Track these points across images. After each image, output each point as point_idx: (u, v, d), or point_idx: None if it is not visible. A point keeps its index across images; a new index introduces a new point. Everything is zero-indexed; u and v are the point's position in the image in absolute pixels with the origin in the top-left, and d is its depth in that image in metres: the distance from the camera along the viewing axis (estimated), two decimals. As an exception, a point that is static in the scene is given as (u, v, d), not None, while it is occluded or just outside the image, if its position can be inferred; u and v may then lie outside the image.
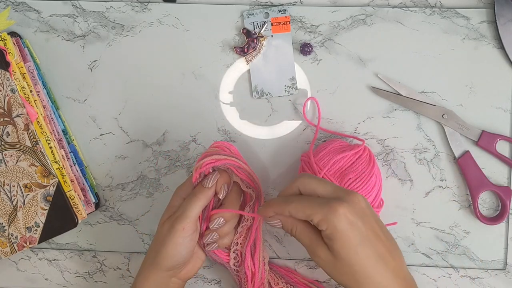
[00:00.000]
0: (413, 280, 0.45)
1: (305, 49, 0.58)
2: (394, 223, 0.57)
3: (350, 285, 0.43)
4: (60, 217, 0.56)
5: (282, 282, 0.56)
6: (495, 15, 0.56)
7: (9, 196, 0.56)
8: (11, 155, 0.56)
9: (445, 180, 0.59)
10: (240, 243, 0.54)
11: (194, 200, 0.50)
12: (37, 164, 0.55)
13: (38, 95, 0.57)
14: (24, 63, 0.57)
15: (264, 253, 0.55)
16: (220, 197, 0.52)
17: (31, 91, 0.56)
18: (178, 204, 0.51)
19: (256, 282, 0.53)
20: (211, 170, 0.51)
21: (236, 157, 0.51)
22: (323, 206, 0.42)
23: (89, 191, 0.59)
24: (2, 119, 0.55)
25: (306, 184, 0.46)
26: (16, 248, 0.56)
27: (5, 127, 0.55)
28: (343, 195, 0.43)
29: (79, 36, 0.60)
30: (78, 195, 0.57)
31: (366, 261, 0.42)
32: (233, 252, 0.54)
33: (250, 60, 0.59)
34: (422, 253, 0.59)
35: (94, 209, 0.60)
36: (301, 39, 0.59)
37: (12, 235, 0.56)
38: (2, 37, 0.55)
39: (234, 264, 0.54)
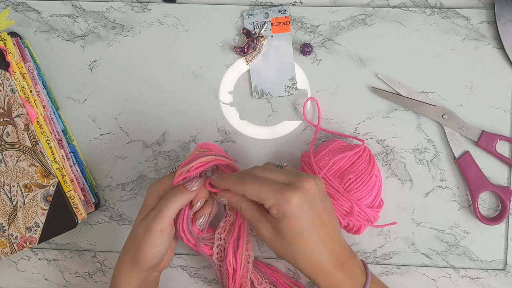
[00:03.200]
0: (351, 259, 0.48)
1: (305, 49, 0.58)
2: (394, 223, 0.57)
3: (288, 259, 0.47)
4: (60, 217, 0.56)
5: (266, 282, 0.56)
6: (495, 15, 0.56)
7: (9, 196, 0.56)
8: (11, 155, 0.56)
9: (445, 180, 0.59)
10: (224, 238, 0.54)
11: (173, 200, 0.49)
12: (37, 164, 0.55)
13: (38, 95, 0.57)
14: (24, 63, 0.57)
15: (249, 252, 0.55)
16: (193, 210, 0.51)
17: (31, 91, 0.56)
18: (154, 203, 0.51)
19: (237, 279, 0.53)
20: (197, 175, 0.51)
21: (223, 156, 0.52)
22: (275, 193, 0.45)
23: (89, 191, 0.59)
24: (2, 119, 0.55)
25: (259, 174, 0.48)
26: (16, 248, 0.56)
27: (5, 127, 0.55)
28: (296, 181, 0.45)
29: (79, 36, 0.60)
30: (78, 195, 0.57)
31: (306, 244, 0.46)
32: (216, 247, 0.54)
33: (250, 60, 0.59)
34: (422, 253, 0.59)
35: (94, 209, 0.60)
36: (301, 39, 0.59)
37: (12, 235, 0.56)
38: (2, 37, 0.55)
39: (217, 259, 0.54)
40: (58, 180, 0.56)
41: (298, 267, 0.47)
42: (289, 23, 0.58)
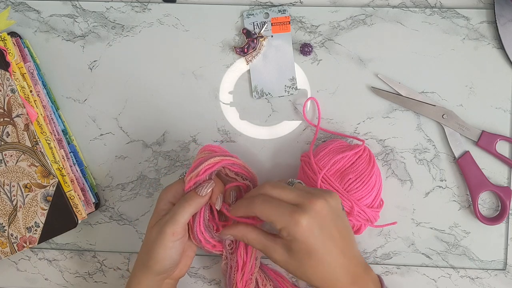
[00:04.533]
0: (365, 274, 0.48)
1: (305, 49, 0.58)
2: (394, 223, 0.57)
3: (302, 278, 0.46)
4: (60, 217, 0.56)
5: (270, 285, 0.56)
6: (495, 15, 0.56)
7: (9, 196, 0.56)
8: (11, 155, 0.56)
9: (445, 180, 0.59)
10: None
11: (185, 206, 0.49)
12: (37, 164, 0.55)
13: (38, 95, 0.57)
14: (24, 63, 0.57)
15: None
16: (217, 208, 0.51)
17: (31, 91, 0.56)
18: (166, 208, 0.51)
19: (246, 272, 0.53)
20: (207, 178, 0.51)
21: (228, 155, 0.52)
22: (285, 215, 0.44)
23: (89, 191, 0.59)
24: (2, 119, 0.55)
25: (270, 192, 0.47)
26: (16, 248, 0.56)
27: (5, 127, 0.55)
28: (306, 203, 0.45)
29: (79, 36, 0.60)
30: (78, 195, 0.57)
31: (318, 264, 0.45)
32: (230, 240, 0.54)
33: (250, 60, 0.59)
34: (422, 253, 0.59)
35: (94, 209, 0.60)
36: (301, 39, 0.59)
37: (12, 235, 0.56)
38: (2, 37, 0.55)
39: (228, 251, 0.54)
40: (58, 180, 0.56)
41: (312, 285, 0.47)
42: (289, 23, 0.58)
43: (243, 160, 0.54)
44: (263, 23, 0.58)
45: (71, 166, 0.58)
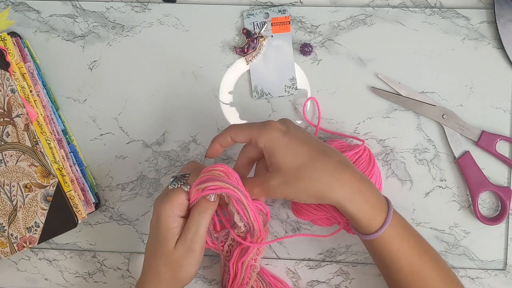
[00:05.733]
0: (348, 164, 0.49)
1: (305, 49, 0.58)
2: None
3: (307, 194, 0.48)
4: (60, 217, 0.56)
5: None
6: (495, 15, 0.56)
7: (9, 196, 0.56)
8: (11, 155, 0.56)
9: (445, 180, 0.59)
10: (235, 240, 0.54)
11: (203, 217, 0.49)
12: (37, 164, 0.55)
13: (38, 95, 0.57)
14: (24, 63, 0.57)
15: (256, 263, 0.54)
16: (230, 208, 0.51)
17: (31, 91, 0.56)
18: (178, 225, 0.49)
19: (235, 285, 0.53)
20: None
21: (238, 189, 0.49)
22: (257, 126, 0.49)
23: (89, 191, 0.59)
24: (2, 119, 0.55)
25: (237, 131, 0.51)
26: (16, 248, 0.56)
27: (5, 127, 0.55)
28: (267, 122, 0.50)
29: (79, 36, 0.60)
30: (78, 195, 0.57)
31: (307, 159, 0.47)
32: (228, 246, 0.54)
33: (250, 60, 0.59)
34: (422, 253, 0.59)
35: (94, 209, 0.60)
36: (301, 39, 0.59)
37: (12, 235, 0.56)
38: (2, 37, 0.55)
39: (225, 257, 0.54)
40: (58, 180, 0.56)
41: (322, 197, 0.47)
42: (289, 23, 0.58)
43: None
44: (263, 23, 0.58)
45: (71, 166, 0.58)
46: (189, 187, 0.49)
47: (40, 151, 0.55)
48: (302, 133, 0.49)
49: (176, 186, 0.49)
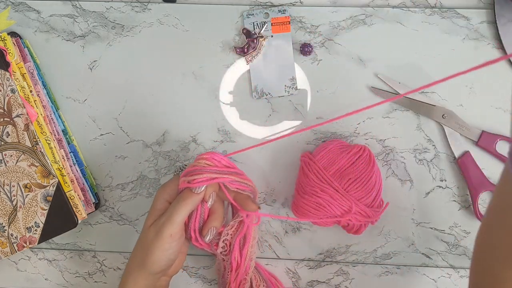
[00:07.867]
0: None
1: (305, 49, 0.58)
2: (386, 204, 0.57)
3: None
4: (60, 217, 0.56)
5: (263, 286, 0.56)
6: (495, 15, 0.56)
7: (9, 196, 0.56)
8: (11, 155, 0.56)
9: (445, 180, 0.59)
10: (231, 234, 0.54)
11: (182, 205, 0.49)
12: (37, 164, 0.55)
13: (38, 95, 0.57)
14: (24, 63, 0.57)
15: (253, 249, 0.55)
16: (208, 205, 0.51)
17: (31, 91, 0.56)
18: (162, 208, 0.51)
19: (240, 273, 0.53)
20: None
21: (228, 172, 0.50)
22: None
23: (89, 191, 0.59)
24: (2, 119, 0.55)
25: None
26: (16, 248, 0.56)
27: (5, 127, 0.55)
28: None
29: (79, 36, 0.60)
30: (78, 195, 0.57)
31: None
32: (223, 241, 0.54)
33: (250, 60, 0.59)
34: (422, 253, 0.59)
35: (94, 209, 0.60)
36: (301, 39, 0.59)
37: (12, 235, 0.56)
38: (2, 37, 0.55)
39: (221, 253, 0.54)
40: (58, 180, 0.56)
41: None
42: (289, 23, 0.58)
43: (243, 161, 0.54)
44: (263, 23, 0.58)
45: (71, 166, 0.58)
46: None
47: (40, 151, 0.55)
48: None
49: (176, 174, 0.52)
